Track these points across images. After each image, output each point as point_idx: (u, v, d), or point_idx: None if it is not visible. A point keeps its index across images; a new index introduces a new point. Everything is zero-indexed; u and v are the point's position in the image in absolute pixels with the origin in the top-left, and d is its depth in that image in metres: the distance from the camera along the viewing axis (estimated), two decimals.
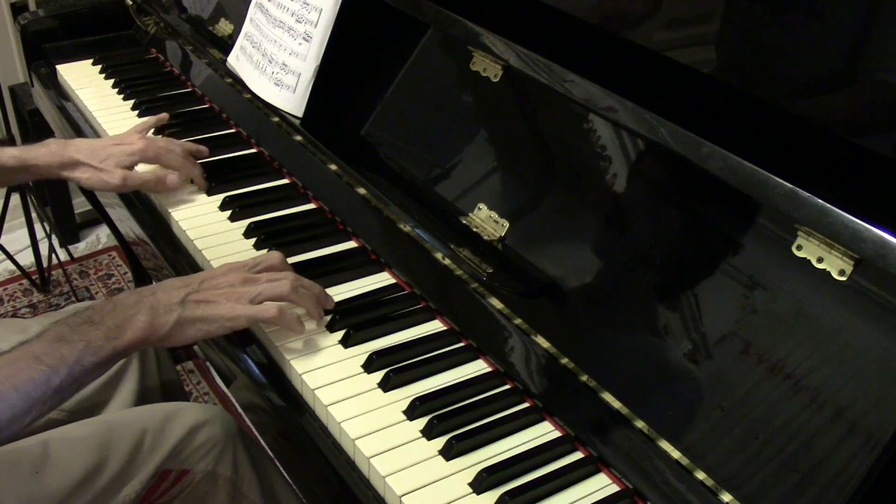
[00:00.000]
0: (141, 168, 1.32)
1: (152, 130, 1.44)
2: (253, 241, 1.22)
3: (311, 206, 1.32)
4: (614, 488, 0.90)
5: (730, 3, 0.93)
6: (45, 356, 0.89)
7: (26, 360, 0.89)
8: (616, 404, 0.91)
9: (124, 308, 0.96)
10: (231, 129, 1.52)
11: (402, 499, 0.86)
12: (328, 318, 1.08)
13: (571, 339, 0.97)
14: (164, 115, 1.47)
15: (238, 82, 1.46)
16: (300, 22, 1.33)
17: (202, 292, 1.00)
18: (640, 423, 0.89)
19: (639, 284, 0.94)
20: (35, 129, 2.31)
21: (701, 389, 0.86)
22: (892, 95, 0.80)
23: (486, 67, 1.12)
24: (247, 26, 1.46)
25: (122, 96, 1.62)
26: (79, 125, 1.59)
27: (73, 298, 2.47)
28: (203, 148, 1.40)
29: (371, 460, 0.90)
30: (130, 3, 1.83)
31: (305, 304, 1.05)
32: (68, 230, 2.68)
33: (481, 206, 1.10)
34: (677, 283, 0.91)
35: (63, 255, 2.59)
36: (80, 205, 2.66)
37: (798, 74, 0.88)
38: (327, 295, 1.09)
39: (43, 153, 1.28)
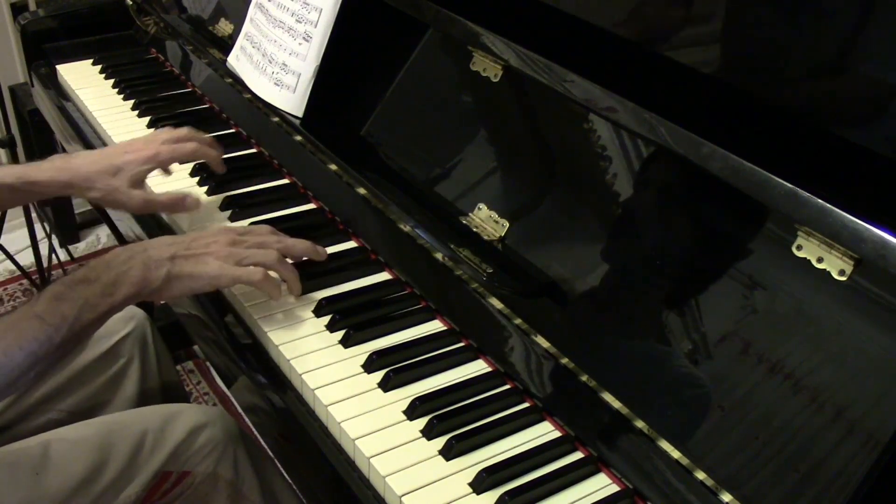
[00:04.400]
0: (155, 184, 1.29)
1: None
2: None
3: (311, 206, 1.32)
4: (614, 488, 0.90)
5: (730, 2, 0.93)
6: (46, 315, 0.93)
7: (29, 319, 0.92)
8: (616, 404, 0.91)
9: (118, 264, 0.99)
10: (231, 129, 1.52)
11: (402, 499, 0.86)
12: (328, 317, 1.08)
13: (571, 339, 0.97)
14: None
15: (238, 82, 1.46)
16: (300, 22, 1.33)
17: (191, 249, 1.04)
18: (640, 423, 0.89)
19: (639, 284, 0.94)
20: (35, 129, 2.30)
21: (701, 389, 0.86)
22: (893, 95, 0.80)
23: (486, 67, 1.12)
24: (247, 26, 1.45)
25: (122, 96, 1.62)
26: (79, 125, 1.59)
27: None
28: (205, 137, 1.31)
29: (371, 460, 0.90)
30: (130, 3, 1.83)
31: (288, 276, 1.08)
32: (68, 230, 2.68)
33: (481, 206, 1.10)
34: (677, 283, 0.91)
35: (63, 255, 2.59)
36: (80, 205, 2.66)
37: (798, 74, 0.88)
38: (316, 248, 1.13)
39: (47, 168, 1.19)
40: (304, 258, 1.13)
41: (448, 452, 0.91)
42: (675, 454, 0.85)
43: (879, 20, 0.79)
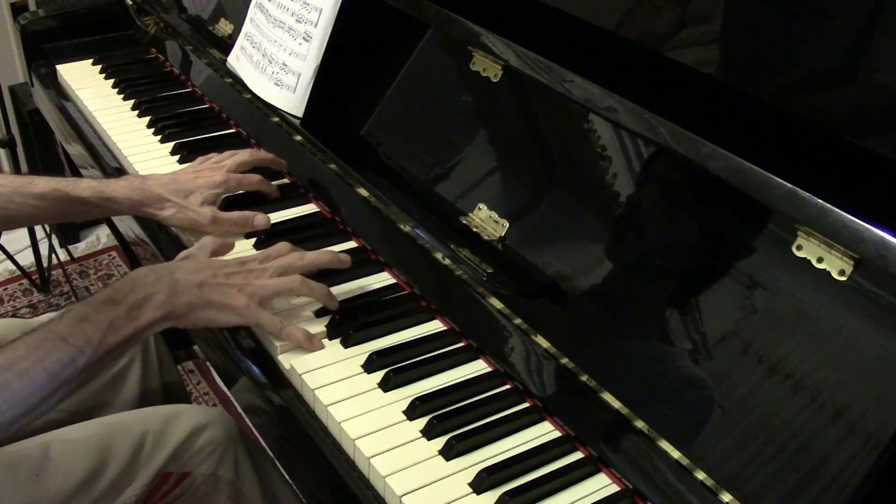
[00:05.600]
0: None
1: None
2: (253, 241, 1.22)
3: (311, 206, 1.32)
4: (614, 488, 0.90)
5: (730, 2, 0.93)
6: (70, 337, 0.90)
7: (53, 341, 0.89)
8: (616, 404, 0.91)
9: (144, 286, 0.97)
10: (231, 129, 1.52)
11: (402, 499, 0.86)
12: (328, 318, 1.08)
13: (571, 339, 0.97)
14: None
15: (238, 82, 1.46)
16: (300, 22, 1.33)
17: (220, 279, 1.02)
18: (640, 423, 0.89)
19: (639, 284, 0.94)
20: (35, 129, 2.31)
21: (701, 389, 0.86)
22: (893, 95, 0.80)
23: (486, 67, 1.12)
24: (247, 26, 1.46)
25: (122, 96, 1.62)
26: (79, 125, 1.59)
27: (74, 298, 2.47)
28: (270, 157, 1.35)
29: (371, 460, 0.90)
30: (130, 3, 1.83)
31: (318, 296, 1.07)
32: (68, 230, 2.69)
33: (481, 206, 1.10)
34: (677, 283, 0.91)
35: (63, 255, 2.59)
36: None
37: (798, 74, 0.88)
38: (339, 256, 1.11)
39: (122, 186, 1.22)
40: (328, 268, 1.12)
41: (448, 452, 0.91)
42: (675, 454, 0.85)
43: (881, 22, 0.79)
